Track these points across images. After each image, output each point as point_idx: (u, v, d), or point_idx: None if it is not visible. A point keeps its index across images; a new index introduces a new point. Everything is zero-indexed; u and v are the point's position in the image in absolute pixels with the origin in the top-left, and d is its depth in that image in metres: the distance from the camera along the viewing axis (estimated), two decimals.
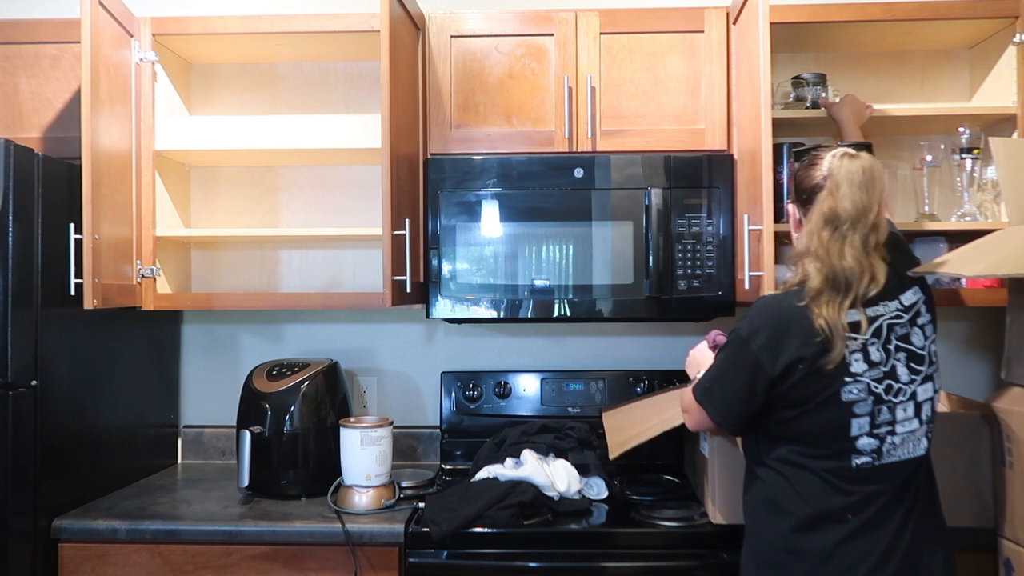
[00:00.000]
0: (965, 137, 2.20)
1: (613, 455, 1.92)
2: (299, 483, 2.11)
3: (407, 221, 1.97)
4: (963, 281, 2.17)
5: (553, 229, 2.10)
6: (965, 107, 2.36)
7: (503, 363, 2.52)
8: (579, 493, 1.98)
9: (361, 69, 2.50)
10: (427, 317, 2.14)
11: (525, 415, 2.36)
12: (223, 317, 2.56)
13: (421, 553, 1.84)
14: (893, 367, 1.46)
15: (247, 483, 2.04)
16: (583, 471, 2.03)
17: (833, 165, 1.49)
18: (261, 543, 1.89)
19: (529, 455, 2.01)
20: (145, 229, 2.18)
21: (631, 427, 2.00)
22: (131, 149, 2.14)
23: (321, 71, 2.51)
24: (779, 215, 2.15)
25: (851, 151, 1.50)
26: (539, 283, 2.10)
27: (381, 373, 2.53)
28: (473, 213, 2.11)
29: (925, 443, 1.50)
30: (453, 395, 2.40)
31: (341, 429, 2.04)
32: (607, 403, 2.33)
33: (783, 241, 2.22)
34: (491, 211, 2.11)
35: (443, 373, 2.43)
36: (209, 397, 2.54)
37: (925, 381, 1.49)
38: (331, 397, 2.20)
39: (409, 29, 2.11)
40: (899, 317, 1.48)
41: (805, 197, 1.55)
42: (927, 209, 2.29)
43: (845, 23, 2.16)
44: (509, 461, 2.04)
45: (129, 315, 2.22)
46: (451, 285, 2.11)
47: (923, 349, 1.49)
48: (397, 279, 1.92)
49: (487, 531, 1.83)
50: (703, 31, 2.15)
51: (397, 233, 1.93)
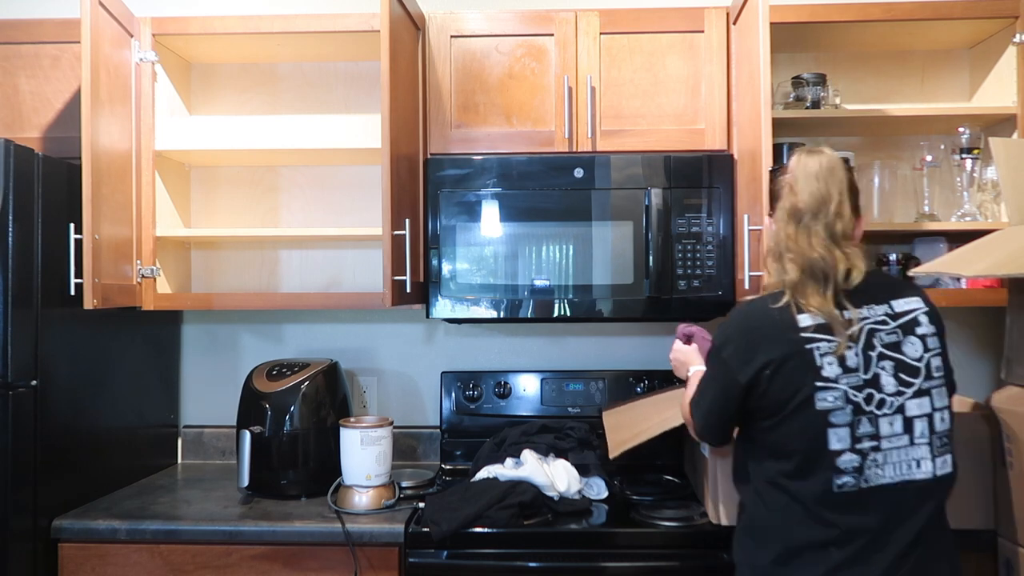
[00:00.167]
0: (965, 137, 2.21)
1: (613, 454, 1.93)
2: (299, 483, 2.11)
3: (407, 221, 1.97)
4: (963, 281, 2.17)
5: (553, 229, 2.10)
6: (965, 107, 2.37)
7: (503, 363, 2.52)
8: (579, 493, 1.98)
9: (361, 69, 2.50)
10: (427, 317, 2.14)
11: (525, 415, 2.36)
12: (223, 317, 2.56)
13: (421, 553, 1.84)
14: (876, 376, 1.39)
15: (247, 483, 2.04)
16: (583, 471, 2.03)
17: (792, 163, 1.50)
18: (261, 543, 1.89)
19: (529, 455, 2.01)
20: (145, 229, 2.18)
21: (631, 426, 2.00)
22: (131, 149, 2.14)
23: (321, 71, 2.51)
24: None
25: (813, 148, 1.51)
26: (539, 283, 2.10)
27: (381, 373, 2.53)
28: (473, 213, 2.11)
29: (930, 466, 1.39)
30: (453, 395, 2.40)
31: (341, 429, 2.04)
32: (607, 403, 2.33)
33: None
34: (491, 211, 2.11)
35: (443, 373, 2.43)
36: (209, 397, 2.54)
37: (920, 395, 1.40)
38: (331, 397, 2.20)
39: (409, 29, 2.11)
40: (884, 323, 1.43)
41: (773, 201, 1.56)
42: (927, 209, 2.29)
43: (845, 23, 2.16)
44: (509, 461, 2.04)
45: (129, 315, 2.22)
46: (451, 285, 2.11)
47: (919, 361, 1.42)
48: (397, 279, 1.92)
49: (487, 531, 1.83)
50: (703, 31, 2.15)
51: (397, 233, 1.93)
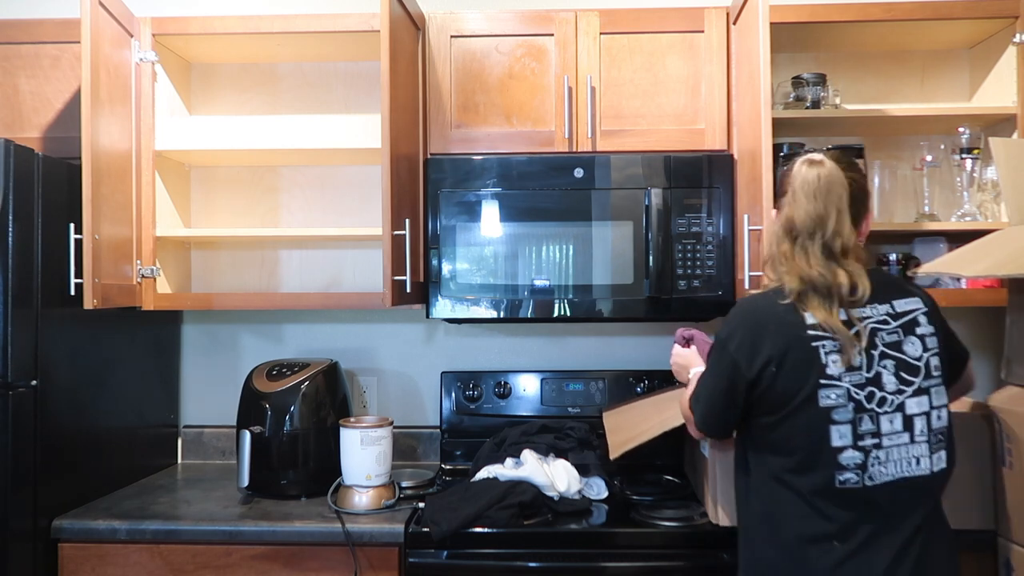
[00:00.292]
0: (965, 137, 2.21)
1: (614, 455, 1.93)
2: (299, 483, 2.11)
3: (407, 221, 1.97)
4: (963, 281, 2.17)
5: (553, 229, 2.10)
6: (965, 107, 2.37)
7: (503, 363, 2.52)
8: (579, 493, 1.98)
9: (361, 69, 2.50)
10: (427, 317, 2.14)
11: (525, 415, 2.36)
12: (223, 317, 2.56)
13: (421, 553, 1.84)
14: (878, 374, 1.41)
15: (247, 483, 2.04)
16: (583, 471, 2.03)
17: (794, 171, 1.49)
18: (261, 543, 1.89)
19: (529, 455, 2.01)
20: (145, 229, 2.18)
21: (631, 427, 2.00)
22: (131, 149, 2.14)
23: (321, 71, 2.51)
24: None
25: (815, 157, 1.49)
26: (539, 283, 2.10)
27: (381, 373, 2.53)
28: (473, 213, 2.11)
29: (927, 463, 1.42)
30: (453, 395, 2.40)
31: (341, 429, 2.04)
32: (607, 403, 2.33)
33: None
34: (491, 211, 2.11)
35: (443, 373, 2.43)
36: (209, 397, 2.54)
37: (920, 394, 1.43)
38: (331, 397, 2.20)
39: (409, 29, 2.11)
40: (886, 323, 1.44)
41: (776, 200, 1.56)
42: (927, 209, 2.29)
43: (845, 23, 2.16)
44: (509, 461, 2.04)
45: (129, 315, 2.22)
46: (451, 285, 2.11)
47: (919, 360, 1.44)
48: (397, 279, 1.92)
49: (487, 531, 1.83)
50: (703, 31, 2.15)
51: (397, 233, 1.93)
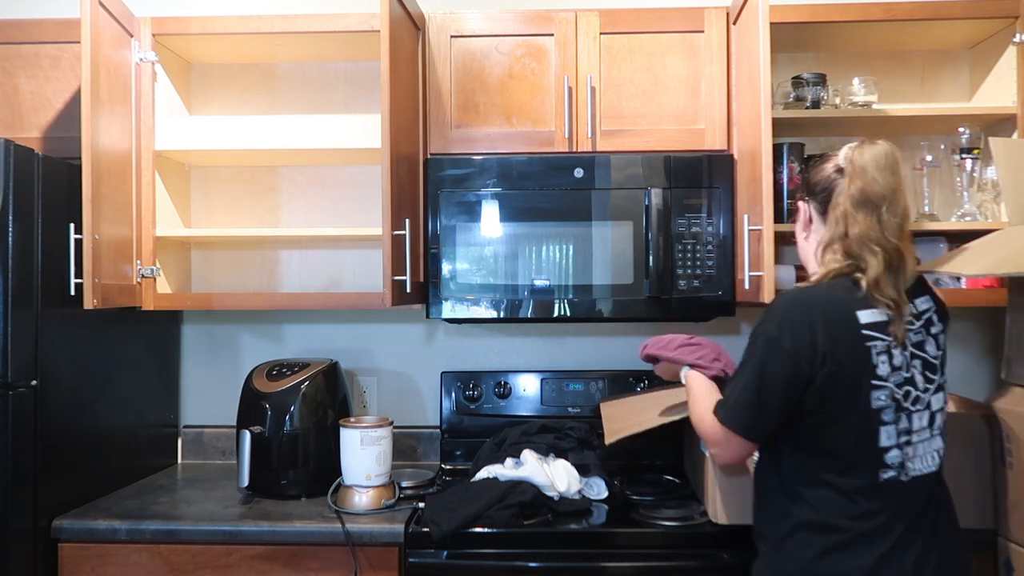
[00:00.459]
0: (965, 137, 2.20)
1: (609, 440, 1.88)
2: (299, 483, 2.11)
3: (407, 221, 1.97)
4: (963, 281, 2.17)
5: (553, 229, 2.10)
6: (965, 107, 2.37)
7: (503, 363, 2.52)
8: (579, 493, 1.98)
9: (361, 69, 2.50)
10: (427, 317, 2.14)
11: (525, 415, 2.36)
12: (223, 317, 2.56)
13: (421, 553, 1.84)
14: (912, 373, 1.42)
15: (247, 483, 2.04)
16: (583, 471, 2.03)
17: (853, 154, 1.44)
18: (261, 543, 1.89)
19: (529, 455, 2.01)
20: (145, 229, 2.18)
21: (629, 417, 1.99)
22: (131, 149, 2.14)
23: (321, 71, 2.51)
24: (779, 215, 2.15)
25: (870, 140, 1.45)
26: (539, 283, 2.10)
27: (381, 373, 2.53)
28: (473, 213, 2.11)
29: (936, 458, 1.45)
30: (453, 395, 2.40)
31: (341, 429, 2.04)
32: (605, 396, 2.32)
33: (783, 241, 2.22)
34: (491, 211, 2.11)
35: (443, 373, 2.43)
36: (209, 397, 2.54)
37: (938, 391, 1.46)
38: (331, 397, 2.20)
39: (409, 29, 2.11)
40: (911, 323, 1.44)
41: (819, 189, 1.49)
42: (927, 209, 2.29)
43: (845, 23, 2.16)
44: (509, 461, 2.04)
45: (129, 315, 2.22)
46: (451, 285, 2.11)
47: (936, 358, 1.46)
48: (397, 279, 1.92)
49: (487, 531, 1.83)
50: (703, 31, 2.15)
51: (397, 233, 1.93)
